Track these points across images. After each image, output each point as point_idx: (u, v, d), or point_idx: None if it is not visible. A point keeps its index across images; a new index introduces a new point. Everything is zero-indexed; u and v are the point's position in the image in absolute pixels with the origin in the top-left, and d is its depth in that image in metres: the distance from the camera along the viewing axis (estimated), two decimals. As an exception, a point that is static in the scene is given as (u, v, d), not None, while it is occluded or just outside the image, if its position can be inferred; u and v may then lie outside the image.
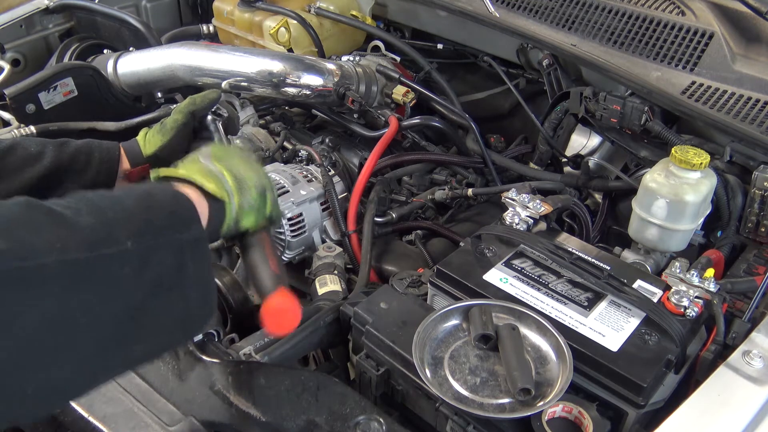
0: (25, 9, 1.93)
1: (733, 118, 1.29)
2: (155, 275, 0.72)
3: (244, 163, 0.94)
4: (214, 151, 0.94)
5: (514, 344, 0.91)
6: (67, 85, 1.56)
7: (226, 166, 0.90)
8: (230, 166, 0.91)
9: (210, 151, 0.94)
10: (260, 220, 0.94)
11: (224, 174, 0.89)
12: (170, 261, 0.74)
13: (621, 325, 0.95)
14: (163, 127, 1.18)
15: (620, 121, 1.41)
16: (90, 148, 1.14)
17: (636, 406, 0.88)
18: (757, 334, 0.95)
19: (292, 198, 1.36)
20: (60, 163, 1.11)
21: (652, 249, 1.24)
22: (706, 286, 0.99)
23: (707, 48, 1.42)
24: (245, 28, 1.92)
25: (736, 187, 1.28)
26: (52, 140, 1.14)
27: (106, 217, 0.70)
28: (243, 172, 0.92)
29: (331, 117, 1.77)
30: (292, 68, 1.56)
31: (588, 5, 1.59)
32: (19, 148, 1.10)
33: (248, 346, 1.03)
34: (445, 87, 1.78)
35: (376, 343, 0.98)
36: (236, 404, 0.89)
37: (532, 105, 1.71)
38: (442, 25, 1.88)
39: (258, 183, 0.93)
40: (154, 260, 0.72)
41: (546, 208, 1.17)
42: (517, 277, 1.04)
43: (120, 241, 0.69)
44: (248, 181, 0.92)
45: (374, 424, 0.86)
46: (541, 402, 0.85)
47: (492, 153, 1.65)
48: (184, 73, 1.60)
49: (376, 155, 1.51)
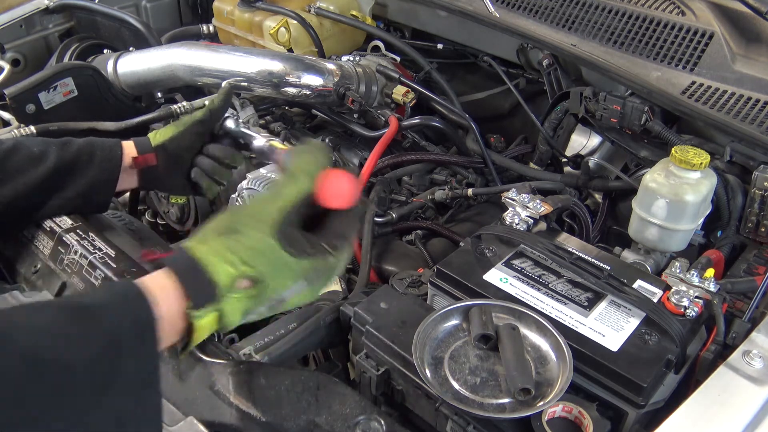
0: (25, 9, 1.93)
1: (733, 118, 1.29)
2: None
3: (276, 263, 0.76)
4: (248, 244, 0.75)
5: (514, 344, 0.90)
6: (67, 85, 1.57)
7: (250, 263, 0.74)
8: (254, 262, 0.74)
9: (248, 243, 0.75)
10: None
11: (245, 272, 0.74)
12: (99, 430, 0.62)
13: (621, 325, 0.95)
14: (178, 121, 1.20)
15: (620, 121, 1.41)
16: (92, 148, 1.15)
17: (636, 406, 0.88)
18: (757, 334, 0.95)
19: (292, 198, 1.36)
20: (63, 163, 1.11)
21: (652, 249, 1.24)
22: (706, 286, 0.99)
23: (707, 48, 1.42)
24: (245, 28, 1.92)
25: (736, 187, 1.28)
26: (55, 140, 1.14)
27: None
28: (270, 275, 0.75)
29: (331, 117, 1.77)
30: (292, 68, 1.56)
31: (588, 5, 1.59)
32: (22, 149, 1.10)
33: (248, 346, 1.03)
34: (445, 87, 1.78)
35: (376, 343, 0.98)
36: (236, 404, 0.89)
37: (532, 105, 1.71)
38: (442, 25, 1.88)
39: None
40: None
41: (546, 208, 1.17)
42: (517, 277, 1.04)
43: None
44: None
45: (374, 424, 0.86)
46: (541, 402, 0.85)
47: (492, 153, 1.65)
48: (184, 73, 1.60)
49: (376, 155, 1.51)
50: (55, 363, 0.59)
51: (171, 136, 1.18)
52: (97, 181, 1.15)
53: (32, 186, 1.09)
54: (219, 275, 0.72)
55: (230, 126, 1.25)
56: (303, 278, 0.76)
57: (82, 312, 0.64)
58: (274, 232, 0.74)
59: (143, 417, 0.66)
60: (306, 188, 0.77)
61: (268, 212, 0.75)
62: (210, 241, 0.74)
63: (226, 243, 0.73)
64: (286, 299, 0.78)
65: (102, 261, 1.07)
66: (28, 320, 0.62)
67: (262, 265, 0.73)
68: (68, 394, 0.60)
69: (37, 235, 1.16)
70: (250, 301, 0.75)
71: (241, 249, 0.73)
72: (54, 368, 0.59)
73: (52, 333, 0.61)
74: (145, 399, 0.66)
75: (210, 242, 0.74)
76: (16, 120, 1.50)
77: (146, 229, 1.41)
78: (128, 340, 0.65)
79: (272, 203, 0.76)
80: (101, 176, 1.15)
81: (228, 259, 0.73)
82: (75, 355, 0.60)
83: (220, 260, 0.73)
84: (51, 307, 0.66)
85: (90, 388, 0.61)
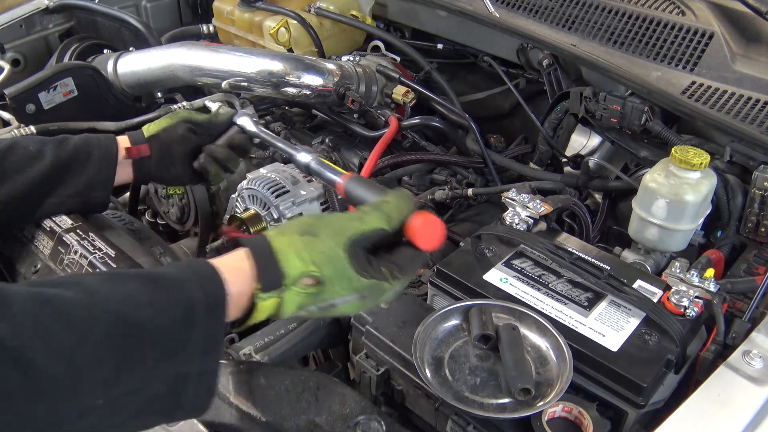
0: (25, 9, 1.93)
1: (733, 118, 1.29)
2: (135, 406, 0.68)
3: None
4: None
5: (514, 344, 0.91)
6: (67, 85, 1.57)
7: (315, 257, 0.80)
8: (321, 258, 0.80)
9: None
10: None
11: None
12: (163, 390, 0.70)
13: (621, 325, 0.95)
14: (172, 113, 1.22)
15: (620, 121, 1.41)
16: (89, 146, 1.15)
17: (636, 406, 0.88)
18: (757, 334, 0.95)
19: (292, 198, 1.36)
20: (60, 162, 1.11)
21: (652, 249, 1.24)
22: (706, 286, 0.99)
23: (707, 48, 1.42)
24: (245, 28, 1.92)
25: (736, 187, 1.28)
26: (51, 138, 1.15)
27: (73, 363, 0.63)
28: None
29: (331, 117, 1.77)
30: (292, 68, 1.56)
31: (588, 5, 1.59)
32: (18, 148, 1.10)
33: (248, 346, 1.03)
34: (445, 87, 1.78)
35: (376, 343, 0.98)
36: (236, 404, 0.89)
37: (532, 105, 1.71)
38: (442, 25, 1.88)
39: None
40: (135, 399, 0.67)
41: (546, 208, 1.17)
42: (517, 277, 1.04)
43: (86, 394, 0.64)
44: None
45: (374, 424, 0.86)
46: (541, 402, 0.85)
47: (492, 153, 1.65)
48: (184, 73, 1.60)
49: (376, 155, 1.51)
50: (137, 326, 0.67)
51: (164, 126, 1.20)
52: (95, 178, 1.15)
53: (29, 185, 1.09)
54: (289, 267, 0.79)
55: (255, 132, 1.25)
56: (357, 292, 0.83)
57: (161, 283, 0.72)
58: (347, 247, 0.81)
59: (200, 381, 0.73)
60: (386, 228, 0.85)
61: (347, 229, 0.82)
62: (289, 236, 0.81)
63: (303, 241, 0.81)
64: (337, 306, 0.84)
65: (102, 261, 1.07)
66: (113, 288, 0.69)
67: (328, 270, 0.80)
68: (145, 355, 0.67)
69: (37, 235, 1.16)
70: (307, 298, 0.81)
71: (315, 251, 0.80)
72: (135, 331, 0.67)
73: (134, 300, 0.69)
74: (206, 364, 0.73)
75: (289, 236, 0.81)
76: (16, 120, 1.50)
77: (146, 229, 1.41)
78: (200, 311, 0.72)
79: (353, 223, 0.83)
80: (98, 174, 1.15)
81: (301, 255, 0.79)
82: (154, 321, 0.68)
83: (293, 254, 0.79)
84: (133, 278, 0.72)
85: (162, 351, 0.69)
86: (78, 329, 0.64)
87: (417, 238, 0.86)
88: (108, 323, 0.66)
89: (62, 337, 0.63)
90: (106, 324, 0.66)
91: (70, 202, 1.15)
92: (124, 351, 0.66)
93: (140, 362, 0.67)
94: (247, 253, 0.79)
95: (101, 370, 0.65)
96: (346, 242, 0.81)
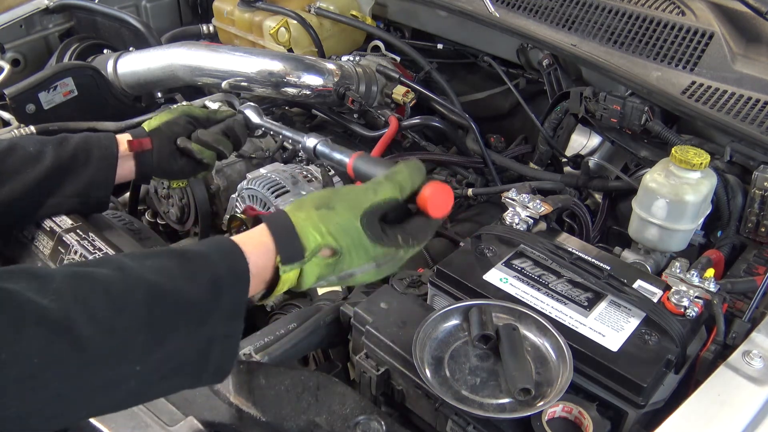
0: (25, 9, 1.93)
1: (733, 118, 1.29)
2: (168, 370, 0.72)
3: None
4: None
5: (514, 344, 0.90)
6: (67, 85, 1.57)
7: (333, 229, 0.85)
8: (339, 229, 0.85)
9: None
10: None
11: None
12: (192, 354, 0.74)
13: (621, 325, 0.95)
14: (173, 108, 1.25)
15: (620, 121, 1.41)
16: (88, 146, 1.15)
17: (636, 406, 0.88)
18: (757, 334, 0.95)
19: (292, 198, 1.36)
20: (60, 162, 1.11)
21: (652, 249, 1.24)
22: (706, 286, 0.99)
23: (707, 48, 1.42)
24: (245, 28, 1.92)
25: (736, 187, 1.28)
26: (51, 138, 1.15)
27: (114, 332, 0.67)
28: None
29: (331, 117, 1.77)
30: (292, 68, 1.57)
31: (588, 5, 1.59)
32: (18, 149, 1.10)
33: (248, 346, 1.03)
34: (445, 87, 1.78)
35: (376, 343, 0.98)
36: (236, 404, 0.89)
37: (532, 105, 1.71)
38: (442, 25, 1.88)
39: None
40: (169, 363, 0.72)
41: (546, 208, 1.17)
42: (517, 277, 1.04)
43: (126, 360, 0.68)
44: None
45: (374, 424, 0.86)
46: (541, 402, 0.85)
47: (492, 153, 1.65)
48: (184, 73, 1.60)
49: (376, 155, 1.51)
50: (172, 294, 0.71)
51: (165, 120, 1.22)
52: (95, 178, 1.15)
53: (30, 186, 1.09)
54: (308, 240, 0.83)
55: (258, 122, 1.27)
56: (374, 261, 0.88)
57: (188, 257, 0.76)
58: (362, 218, 0.85)
59: (225, 344, 0.76)
60: (398, 197, 0.89)
61: (362, 200, 0.87)
62: (306, 210, 0.85)
63: (319, 214, 0.84)
64: (355, 275, 0.89)
65: (102, 261, 1.07)
66: (144, 263, 0.73)
67: (345, 240, 0.84)
68: (178, 322, 0.71)
69: (37, 235, 1.16)
70: (326, 268, 0.86)
71: (331, 223, 0.84)
72: (171, 298, 0.71)
73: (166, 272, 0.73)
74: (232, 327, 0.77)
75: (306, 210, 0.85)
76: (16, 120, 1.50)
77: (146, 229, 1.41)
78: (226, 281, 0.76)
79: (367, 194, 0.87)
80: (98, 174, 1.15)
81: (318, 228, 0.83)
82: (185, 290, 0.73)
83: (311, 228, 0.83)
84: (161, 254, 0.77)
85: (193, 318, 0.73)
86: (116, 301, 0.68)
87: (428, 206, 0.90)
88: (143, 294, 0.70)
89: (102, 309, 0.67)
90: (141, 294, 0.70)
91: (71, 203, 1.15)
92: (160, 319, 0.70)
93: (174, 329, 0.71)
94: (267, 229, 0.83)
95: (139, 337, 0.68)
96: (361, 213, 0.85)
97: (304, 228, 0.83)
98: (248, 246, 0.80)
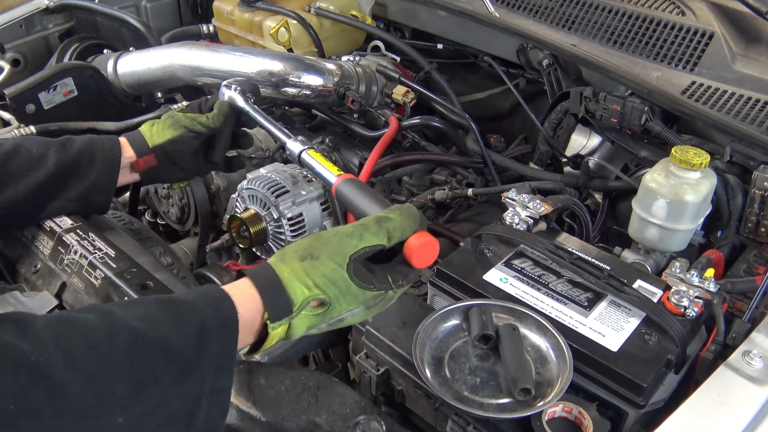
0: (25, 9, 1.93)
1: (733, 118, 1.29)
2: (154, 426, 0.69)
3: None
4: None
5: (514, 344, 0.91)
6: (67, 85, 1.57)
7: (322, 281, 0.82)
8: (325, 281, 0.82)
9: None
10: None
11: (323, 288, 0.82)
12: (179, 409, 0.71)
13: (621, 325, 0.95)
14: (174, 119, 1.20)
15: (620, 121, 1.41)
16: (92, 149, 1.15)
17: (636, 406, 0.88)
18: (757, 334, 0.95)
19: (292, 198, 1.36)
20: (63, 165, 1.11)
21: (652, 249, 1.24)
22: (706, 286, 0.99)
23: (707, 48, 1.42)
24: (245, 28, 1.92)
25: (736, 187, 1.28)
26: (54, 140, 1.14)
27: (94, 379, 0.64)
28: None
29: (331, 117, 1.77)
30: (292, 68, 1.56)
31: (588, 5, 1.59)
32: (21, 151, 1.10)
33: (248, 346, 1.03)
34: (445, 87, 1.78)
35: (376, 343, 0.98)
36: (236, 404, 0.89)
37: (532, 105, 1.71)
38: (442, 25, 1.88)
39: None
40: (155, 418, 0.69)
41: (546, 208, 1.17)
42: (517, 277, 1.04)
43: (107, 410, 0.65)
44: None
45: (374, 424, 0.86)
46: (541, 402, 0.85)
47: (492, 153, 1.65)
48: (184, 73, 1.60)
49: (376, 155, 1.51)
50: (154, 344, 0.69)
51: (170, 138, 1.19)
52: (98, 182, 1.15)
53: (33, 189, 1.09)
54: (296, 294, 0.81)
55: (249, 112, 1.25)
56: (363, 305, 0.86)
57: (174, 304, 0.75)
58: (348, 265, 0.83)
59: (214, 398, 0.73)
60: (385, 245, 0.86)
61: (346, 247, 0.84)
62: (290, 262, 0.83)
63: (303, 266, 0.82)
64: (345, 319, 0.86)
65: (102, 261, 1.07)
66: (129, 309, 0.71)
67: (332, 291, 0.82)
68: (163, 372, 0.69)
69: (37, 235, 1.16)
70: (315, 319, 0.83)
71: (317, 275, 0.82)
72: (153, 348, 0.69)
73: (151, 318, 0.71)
74: (220, 380, 0.74)
75: (290, 263, 0.83)
76: (16, 120, 1.50)
77: (146, 229, 1.41)
78: (213, 330, 0.74)
79: (352, 240, 0.84)
80: (101, 178, 1.15)
81: (304, 281, 0.81)
82: (170, 339, 0.70)
83: (297, 281, 0.81)
84: (147, 302, 0.75)
85: (179, 368, 0.70)
86: (99, 347, 0.66)
87: (413, 258, 0.88)
88: (127, 341, 0.68)
89: (84, 355, 0.64)
90: (125, 341, 0.67)
91: (72, 206, 1.15)
92: (143, 369, 0.68)
93: (158, 380, 0.68)
94: (253, 285, 0.81)
95: (121, 388, 0.66)
96: (347, 261, 0.83)
97: (290, 281, 0.81)
98: (237, 297, 0.78)
